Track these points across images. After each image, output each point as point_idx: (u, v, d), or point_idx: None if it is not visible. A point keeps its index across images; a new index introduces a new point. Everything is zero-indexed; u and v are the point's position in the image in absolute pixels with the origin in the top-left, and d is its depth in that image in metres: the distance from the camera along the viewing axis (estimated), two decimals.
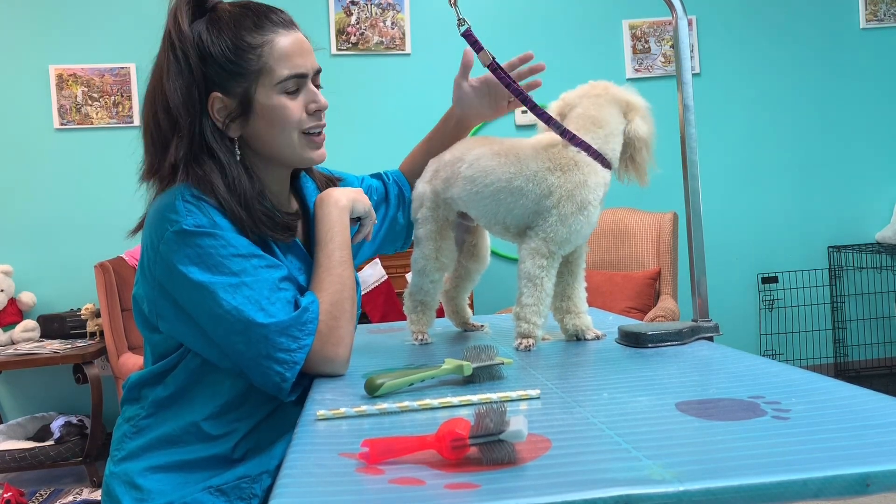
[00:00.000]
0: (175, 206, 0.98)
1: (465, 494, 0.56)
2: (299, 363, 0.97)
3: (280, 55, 1.03)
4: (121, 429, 1.07)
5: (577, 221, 1.10)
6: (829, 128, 3.99)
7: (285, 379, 0.96)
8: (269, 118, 1.04)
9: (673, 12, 1.15)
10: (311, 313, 0.99)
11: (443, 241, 1.24)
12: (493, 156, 1.16)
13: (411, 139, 1.26)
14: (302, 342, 0.97)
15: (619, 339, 1.15)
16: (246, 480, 1.04)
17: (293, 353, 0.96)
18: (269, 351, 0.95)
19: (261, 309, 0.96)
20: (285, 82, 1.03)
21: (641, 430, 0.69)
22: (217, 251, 0.96)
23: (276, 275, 1.00)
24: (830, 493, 0.55)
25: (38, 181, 3.50)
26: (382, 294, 3.20)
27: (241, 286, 0.96)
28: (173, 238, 0.96)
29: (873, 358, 3.99)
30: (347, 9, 3.69)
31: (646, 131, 1.14)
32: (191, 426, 1.03)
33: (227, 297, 0.95)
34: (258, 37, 1.02)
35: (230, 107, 1.03)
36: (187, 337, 1.01)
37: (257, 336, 0.95)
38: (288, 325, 0.96)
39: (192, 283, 0.96)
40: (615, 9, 3.87)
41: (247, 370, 0.98)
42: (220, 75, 1.02)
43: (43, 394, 3.47)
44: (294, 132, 1.06)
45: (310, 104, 1.07)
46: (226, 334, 0.96)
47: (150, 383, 1.06)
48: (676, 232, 3.39)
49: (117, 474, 1.03)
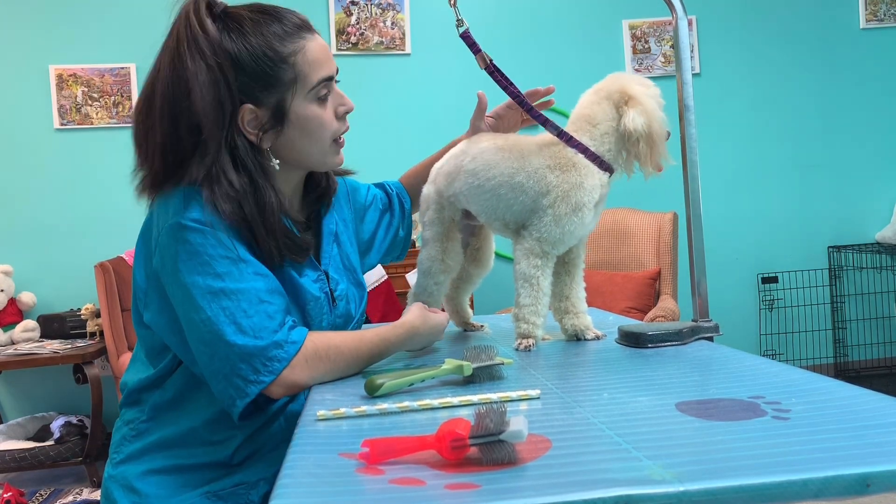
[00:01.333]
0: (177, 200, 0.97)
1: (466, 495, 0.56)
2: (250, 396, 0.93)
3: (312, 62, 1.01)
4: (120, 431, 1.07)
5: (570, 222, 1.10)
6: (829, 128, 3.99)
7: (235, 404, 0.94)
8: (304, 128, 1.02)
9: (673, 12, 1.15)
10: (283, 352, 0.94)
11: (449, 244, 1.24)
12: (497, 150, 1.16)
13: (411, 139, 1.26)
14: (260, 377, 0.93)
15: (619, 339, 1.15)
16: (243, 487, 1.04)
17: (248, 384, 0.93)
18: (227, 371, 0.93)
19: (234, 323, 0.93)
20: (318, 88, 1.01)
21: (641, 431, 0.68)
22: (206, 250, 0.94)
23: (261, 285, 0.96)
24: (830, 494, 0.55)
25: (38, 181, 3.50)
26: (382, 294, 3.19)
27: (220, 295, 0.93)
28: (169, 231, 0.96)
29: (873, 358, 3.99)
30: (347, 9, 3.69)
31: (640, 123, 1.08)
32: (190, 431, 1.03)
33: (205, 305, 0.93)
34: (289, 45, 0.99)
35: (262, 118, 1.00)
36: (166, 332, 1.01)
37: (222, 353, 0.93)
38: (253, 353, 0.92)
39: (178, 282, 0.95)
40: (615, 9, 3.87)
41: (208, 380, 0.97)
42: (251, 86, 0.98)
43: (43, 394, 3.47)
44: (328, 139, 1.05)
45: (338, 107, 1.06)
46: (195, 341, 0.95)
47: (149, 388, 1.06)
48: (676, 232, 3.39)
49: (115, 477, 1.03)
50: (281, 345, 0.94)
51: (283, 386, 0.95)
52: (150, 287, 1.01)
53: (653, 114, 1.10)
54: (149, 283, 1.01)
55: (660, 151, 1.11)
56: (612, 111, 1.12)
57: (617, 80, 1.14)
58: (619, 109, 1.11)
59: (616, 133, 1.11)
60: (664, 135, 1.11)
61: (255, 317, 0.94)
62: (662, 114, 1.12)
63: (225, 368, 0.93)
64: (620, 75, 1.15)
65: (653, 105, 1.10)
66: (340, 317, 1.13)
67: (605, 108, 1.12)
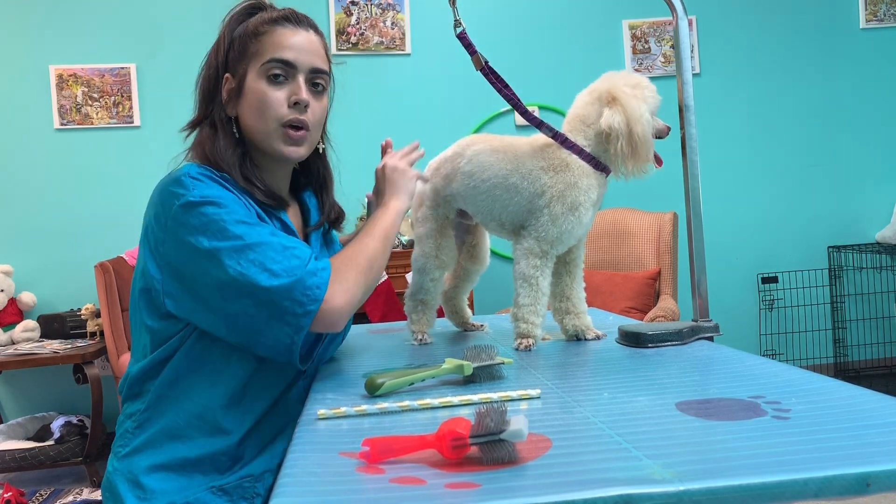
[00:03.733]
0: (181, 181, 1.01)
1: (466, 494, 0.56)
2: (304, 328, 0.96)
3: (275, 42, 1.08)
4: (123, 425, 1.07)
5: (567, 222, 1.10)
6: (829, 128, 3.99)
7: (294, 341, 0.96)
8: (252, 102, 1.08)
9: (673, 12, 1.15)
10: (317, 278, 0.98)
11: (443, 240, 1.24)
12: (492, 152, 1.17)
13: (411, 139, 1.25)
14: (307, 307, 0.96)
15: (619, 339, 1.15)
16: (248, 480, 1.04)
17: (298, 317, 0.96)
18: (276, 314, 0.95)
19: (265, 270, 0.95)
20: (268, 64, 1.07)
21: (641, 430, 0.69)
22: (221, 217, 0.98)
23: (282, 238, 1.00)
24: (830, 493, 0.55)
25: (38, 181, 3.50)
26: (382, 294, 3.20)
27: (244, 249, 0.96)
28: (180, 211, 0.98)
29: (873, 358, 3.99)
30: (347, 9, 3.69)
31: (616, 122, 1.08)
32: (192, 417, 1.03)
33: (232, 263, 0.95)
34: (266, 26, 1.08)
35: (231, 86, 1.10)
36: (196, 313, 1.01)
37: (263, 300, 0.95)
38: (292, 287, 0.95)
39: (199, 252, 0.97)
40: (615, 9, 3.87)
41: (258, 334, 0.97)
42: (232, 58, 1.10)
43: (43, 394, 3.47)
44: (272, 121, 1.08)
45: (291, 96, 1.09)
46: (234, 300, 0.96)
47: (149, 375, 1.06)
48: (676, 232, 3.39)
49: (121, 470, 1.03)
50: (315, 272, 0.98)
51: (331, 310, 0.98)
52: (167, 276, 1.02)
53: (634, 114, 1.08)
54: (163, 272, 1.02)
55: (641, 153, 1.09)
56: (601, 111, 1.11)
57: (608, 80, 1.14)
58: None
59: (604, 132, 1.11)
60: (648, 137, 1.09)
61: (283, 261, 0.97)
62: (649, 116, 1.10)
63: (274, 311, 0.95)
64: (612, 75, 1.15)
65: (635, 105, 1.09)
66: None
67: (597, 108, 1.12)
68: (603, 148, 1.12)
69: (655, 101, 1.12)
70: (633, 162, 1.10)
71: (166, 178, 1.04)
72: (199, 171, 1.03)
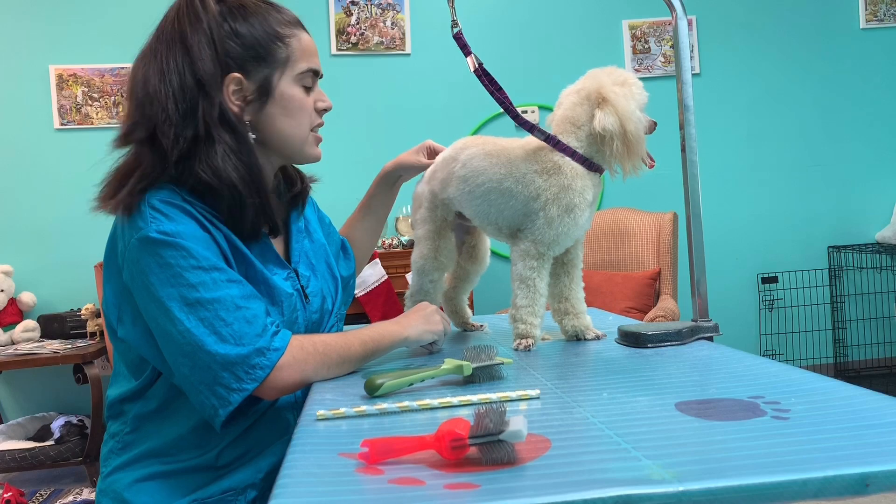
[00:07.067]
0: (142, 211, 0.96)
1: (465, 494, 0.56)
2: (234, 405, 0.92)
3: (303, 50, 1.08)
4: (107, 445, 1.07)
5: (563, 224, 1.10)
6: (829, 128, 3.99)
7: (217, 413, 0.93)
8: (287, 107, 1.07)
9: (673, 12, 1.15)
10: (264, 359, 0.93)
11: (441, 241, 1.25)
12: (485, 156, 1.17)
13: (411, 139, 1.26)
14: (243, 385, 0.92)
15: (619, 339, 1.15)
16: (231, 494, 1.03)
17: (231, 392, 0.92)
18: (209, 381, 0.92)
19: (214, 333, 0.92)
20: (304, 75, 1.08)
21: (641, 430, 0.69)
22: (177, 262, 0.93)
23: (236, 291, 0.95)
24: (830, 494, 0.55)
25: (38, 181, 3.50)
26: (382, 294, 3.20)
27: (196, 305, 0.92)
28: (137, 245, 0.95)
29: (873, 358, 3.99)
30: (347, 9, 3.69)
31: (610, 123, 1.08)
32: (177, 439, 1.02)
33: (182, 317, 0.92)
34: (287, 29, 1.07)
35: (247, 90, 1.04)
36: (142, 345, 1.00)
37: (203, 363, 0.92)
38: (235, 361, 0.92)
39: (151, 296, 0.94)
40: (615, 9, 3.87)
41: (187, 392, 0.96)
42: (243, 56, 1.03)
43: (43, 394, 3.47)
44: (307, 125, 1.10)
45: (318, 102, 1.11)
46: (174, 354, 0.94)
47: (130, 399, 1.05)
48: (676, 232, 3.39)
49: (105, 491, 1.03)
50: (263, 352, 0.94)
51: (274, 389, 0.95)
52: (122, 301, 1.01)
53: (625, 114, 1.08)
54: (119, 297, 1.01)
55: (636, 151, 1.10)
56: (592, 113, 1.11)
57: (595, 79, 1.14)
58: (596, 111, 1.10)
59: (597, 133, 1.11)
60: (641, 135, 1.10)
61: (234, 324, 0.93)
62: (640, 113, 1.10)
63: (207, 378, 0.92)
64: (598, 73, 1.15)
65: (626, 105, 1.09)
66: (315, 312, 1.13)
67: (586, 109, 1.12)
68: (596, 149, 1.12)
69: (643, 98, 1.12)
70: (629, 161, 1.10)
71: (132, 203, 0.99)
72: (162, 198, 0.97)
